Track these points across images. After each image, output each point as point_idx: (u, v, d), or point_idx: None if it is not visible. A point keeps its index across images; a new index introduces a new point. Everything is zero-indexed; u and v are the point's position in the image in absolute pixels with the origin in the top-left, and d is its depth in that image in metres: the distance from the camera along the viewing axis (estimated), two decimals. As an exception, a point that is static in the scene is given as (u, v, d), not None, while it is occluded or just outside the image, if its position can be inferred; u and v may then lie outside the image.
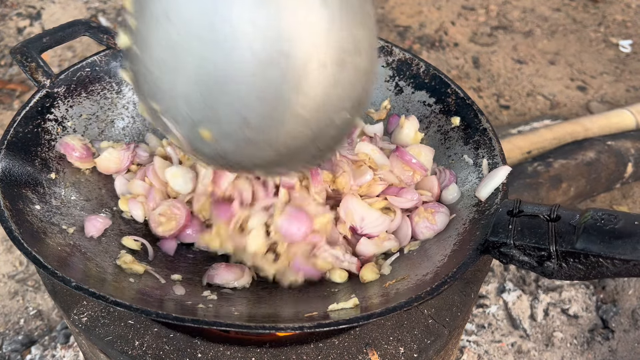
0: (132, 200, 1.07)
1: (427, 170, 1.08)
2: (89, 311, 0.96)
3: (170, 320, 0.78)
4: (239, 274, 0.98)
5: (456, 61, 2.83)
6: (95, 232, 1.01)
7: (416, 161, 1.06)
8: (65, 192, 1.06)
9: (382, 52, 1.27)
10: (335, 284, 0.98)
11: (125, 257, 0.97)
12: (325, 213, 0.97)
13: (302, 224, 0.93)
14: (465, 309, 0.99)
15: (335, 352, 0.92)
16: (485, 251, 0.88)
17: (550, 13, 3.18)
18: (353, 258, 0.98)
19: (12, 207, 0.92)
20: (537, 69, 2.80)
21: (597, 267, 0.79)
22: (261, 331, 0.79)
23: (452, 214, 1.03)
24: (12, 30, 2.82)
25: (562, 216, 0.84)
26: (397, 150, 1.08)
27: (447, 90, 1.17)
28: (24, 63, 1.10)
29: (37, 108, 1.08)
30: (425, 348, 0.93)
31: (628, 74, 2.79)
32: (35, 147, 1.05)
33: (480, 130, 1.09)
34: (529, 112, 2.56)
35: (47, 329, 1.70)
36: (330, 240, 1.00)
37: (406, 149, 1.12)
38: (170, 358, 0.91)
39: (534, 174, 1.93)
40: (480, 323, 1.70)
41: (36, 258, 0.83)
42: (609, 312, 1.71)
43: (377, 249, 1.00)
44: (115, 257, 0.98)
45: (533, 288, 1.79)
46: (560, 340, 1.66)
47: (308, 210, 0.96)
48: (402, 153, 1.07)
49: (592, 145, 2.07)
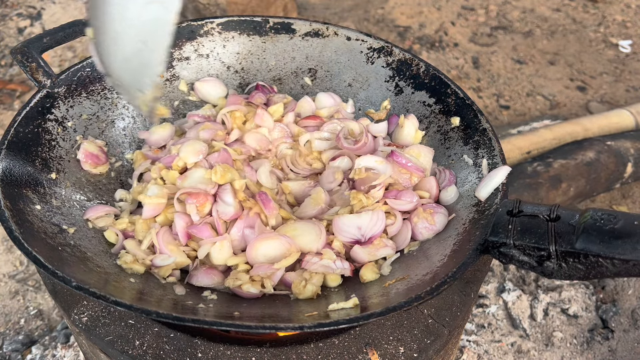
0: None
1: (424, 171, 1.09)
2: (89, 311, 0.96)
3: (170, 320, 0.78)
4: (219, 278, 0.97)
5: (456, 61, 2.83)
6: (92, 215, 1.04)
7: (412, 164, 1.07)
8: (66, 192, 1.06)
9: (382, 53, 1.28)
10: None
11: (125, 257, 0.98)
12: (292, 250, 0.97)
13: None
14: (465, 308, 0.99)
15: (335, 352, 0.92)
16: (485, 251, 0.88)
17: (550, 13, 3.18)
18: (345, 263, 0.97)
19: (13, 207, 0.92)
20: (537, 69, 2.80)
21: (597, 267, 0.79)
22: (261, 331, 0.79)
23: (452, 214, 1.03)
24: (13, 30, 2.82)
25: (562, 216, 0.84)
26: (392, 154, 1.08)
27: (447, 91, 1.18)
28: (24, 63, 1.10)
29: (38, 108, 1.09)
30: (425, 348, 0.93)
31: (628, 74, 2.79)
32: (35, 147, 1.05)
33: (480, 131, 1.10)
34: (528, 112, 2.56)
35: (47, 328, 1.70)
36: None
37: (405, 150, 1.12)
38: (170, 358, 0.91)
39: (533, 174, 1.93)
40: (480, 323, 1.70)
41: (36, 258, 0.84)
42: (609, 312, 1.71)
43: (370, 257, 0.99)
44: (116, 257, 0.98)
45: (533, 288, 1.79)
46: (560, 340, 1.67)
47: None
48: (397, 156, 1.07)
49: (591, 145, 2.07)
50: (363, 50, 1.29)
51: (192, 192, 1.00)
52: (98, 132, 1.17)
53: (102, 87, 1.19)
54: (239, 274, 0.95)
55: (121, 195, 1.11)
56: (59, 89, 1.12)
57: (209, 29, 1.30)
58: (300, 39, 1.33)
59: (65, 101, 1.13)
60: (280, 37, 1.33)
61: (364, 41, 1.29)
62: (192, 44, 1.29)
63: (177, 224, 0.99)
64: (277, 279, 0.96)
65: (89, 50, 0.92)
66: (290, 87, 1.35)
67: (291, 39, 1.33)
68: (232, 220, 1.01)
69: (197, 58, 1.30)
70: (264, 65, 1.34)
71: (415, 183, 1.09)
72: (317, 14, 3.09)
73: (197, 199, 0.99)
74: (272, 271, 0.94)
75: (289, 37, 1.33)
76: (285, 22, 1.32)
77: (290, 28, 1.33)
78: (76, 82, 1.15)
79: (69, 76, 1.14)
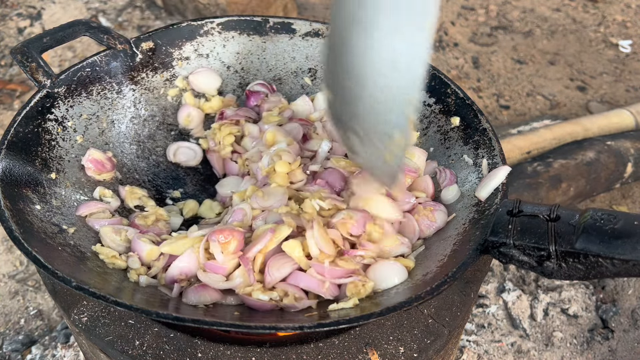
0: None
1: (416, 171, 1.09)
2: (89, 311, 0.96)
3: (170, 320, 0.78)
4: (215, 296, 0.92)
5: (456, 61, 2.83)
6: (84, 211, 1.03)
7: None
8: (66, 192, 1.06)
9: (382, 52, 1.28)
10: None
11: (103, 250, 0.98)
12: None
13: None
14: (465, 308, 0.99)
15: (335, 352, 0.92)
16: (485, 251, 0.88)
17: (550, 13, 3.18)
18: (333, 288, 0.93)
19: (13, 207, 0.92)
20: (537, 69, 2.80)
21: (597, 267, 0.79)
22: (261, 331, 0.79)
23: (452, 214, 1.03)
24: (13, 30, 2.82)
25: (562, 216, 0.84)
26: None
27: (447, 91, 1.18)
28: (24, 63, 1.10)
29: (38, 108, 1.09)
30: (425, 348, 0.93)
31: (628, 74, 2.79)
32: (35, 147, 1.05)
33: (480, 131, 1.10)
34: (528, 112, 2.56)
35: (47, 328, 1.70)
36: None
37: None
38: (170, 358, 0.91)
39: (533, 174, 1.93)
40: (480, 323, 1.70)
41: (36, 258, 0.84)
42: (609, 312, 1.71)
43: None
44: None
45: (533, 288, 1.79)
46: (560, 340, 1.67)
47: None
48: None
49: (591, 145, 2.07)
50: (363, 50, 1.29)
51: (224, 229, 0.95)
52: (98, 132, 1.17)
53: (102, 87, 1.19)
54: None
55: (100, 192, 1.11)
56: (59, 89, 1.12)
57: (209, 29, 1.30)
58: (300, 38, 1.33)
59: (65, 101, 1.13)
60: (280, 37, 1.33)
61: (364, 41, 1.29)
62: (192, 43, 1.29)
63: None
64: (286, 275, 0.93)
65: (89, 50, 0.92)
66: (290, 87, 1.35)
67: (291, 39, 1.33)
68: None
69: (197, 58, 1.30)
70: (264, 65, 1.34)
71: (410, 184, 1.09)
72: (317, 14, 3.09)
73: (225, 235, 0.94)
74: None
75: (289, 37, 1.33)
76: (285, 22, 1.32)
77: (290, 28, 1.33)
78: (76, 82, 1.15)
79: (69, 76, 1.14)
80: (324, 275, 0.90)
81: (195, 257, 0.94)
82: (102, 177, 1.12)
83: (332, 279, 0.91)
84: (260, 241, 0.92)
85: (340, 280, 0.91)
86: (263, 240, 0.92)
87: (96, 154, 1.12)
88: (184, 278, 0.93)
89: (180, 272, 0.94)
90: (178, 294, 0.92)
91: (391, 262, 0.95)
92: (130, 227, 1.03)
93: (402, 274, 0.93)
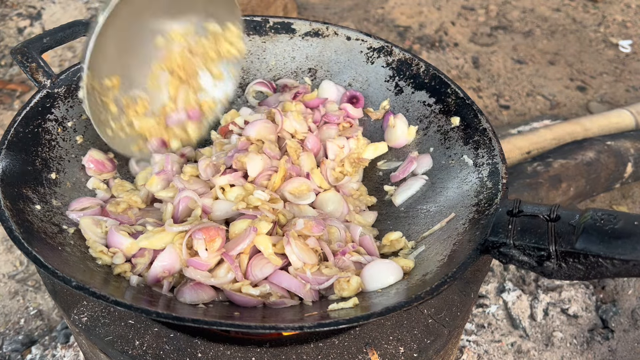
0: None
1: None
2: (89, 311, 0.96)
3: (170, 320, 0.78)
4: (210, 294, 0.92)
5: (456, 61, 2.83)
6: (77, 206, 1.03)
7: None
8: (66, 192, 1.06)
9: (382, 53, 1.28)
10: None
11: (94, 245, 0.98)
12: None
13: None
14: (465, 308, 0.99)
15: (335, 352, 0.92)
16: (485, 251, 0.88)
17: (550, 13, 3.18)
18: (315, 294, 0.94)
19: (13, 207, 0.92)
20: (537, 69, 2.80)
21: (597, 267, 0.79)
22: (261, 331, 0.79)
23: (452, 214, 1.03)
24: (13, 30, 2.82)
25: (562, 216, 0.84)
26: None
27: (447, 90, 1.18)
28: (24, 63, 1.10)
29: (38, 108, 1.09)
30: (425, 348, 0.93)
31: (628, 74, 2.79)
32: (35, 147, 1.05)
33: (480, 131, 1.10)
34: (528, 112, 2.56)
35: (47, 328, 1.70)
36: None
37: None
38: (170, 358, 0.91)
39: (533, 174, 1.93)
40: (480, 323, 1.70)
41: (36, 258, 0.84)
42: (609, 312, 1.71)
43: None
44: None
45: (533, 288, 1.79)
46: (559, 340, 1.67)
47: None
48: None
49: (591, 145, 2.07)
50: (363, 50, 1.29)
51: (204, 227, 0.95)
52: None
53: (102, 87, 1.19)
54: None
55: (94, 184, 1.11)
56: (59, 89, 1.12)
57: (209, 29, 1.30)
58: (300, 38, 1.33)
59: (65, 101, 1.13)
60: (280, 37, 1.33)
61: (364, 41, 1.29)
62: (192, 43, 1.29)
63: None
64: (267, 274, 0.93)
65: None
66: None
67: (291, 39, 1.33)
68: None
69: (197, 58, 1.30)
70: (264, 65, 1.34)
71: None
72: (317, 13, 3.09)
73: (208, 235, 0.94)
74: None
75: (289, 37, 1.33)
76: (285, 22, 1.32)
77: (290, 28, 1.33)
78: (76, 82, 1.15)
79: (69, 76, 1.14)
80: (310, 282, 0.92)
81: (177, 254, 0.94)
82: (102, 177, 1.12)
83: (317, 285, 0.92)
84: (244, 240, 0.93)
85: (323, 285, 0.92)
86: (247, 240, 0.93)
87: (96, 154, 1.12)
88: (167, 275, 0.94)
89: (163, 269, 0.93)
90: (169, 290, 0.93)
91: (386, 261, 0.96)
92: (109, 218, 1.03)
93: (398, 273, 0.94)
